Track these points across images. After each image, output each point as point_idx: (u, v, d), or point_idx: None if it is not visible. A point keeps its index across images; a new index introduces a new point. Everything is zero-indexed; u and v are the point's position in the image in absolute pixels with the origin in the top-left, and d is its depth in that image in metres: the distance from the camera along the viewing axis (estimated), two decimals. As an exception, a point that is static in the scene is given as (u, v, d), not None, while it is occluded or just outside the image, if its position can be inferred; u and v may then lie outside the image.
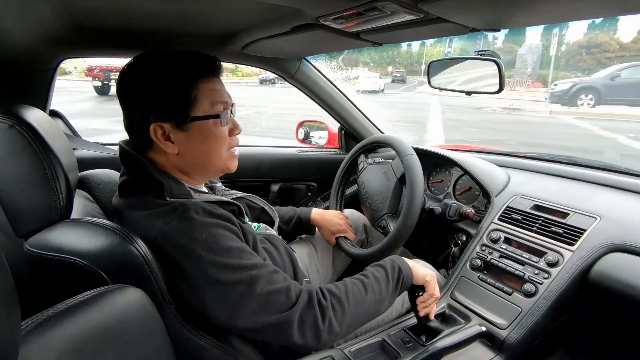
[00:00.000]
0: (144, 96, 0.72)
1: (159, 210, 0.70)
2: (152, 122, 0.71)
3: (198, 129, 0.74)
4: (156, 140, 0.72)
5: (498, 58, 0.98)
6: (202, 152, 0.76)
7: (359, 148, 1.32)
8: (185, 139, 0.73)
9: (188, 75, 0.73)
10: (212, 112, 0.74)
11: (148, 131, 0.72)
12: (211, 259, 0.66)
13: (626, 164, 1.26)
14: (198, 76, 0.73)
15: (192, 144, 0.74)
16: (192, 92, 0.72)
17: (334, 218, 1.21)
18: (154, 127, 0.71)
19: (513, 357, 0.88)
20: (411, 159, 1.08)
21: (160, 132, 0.72)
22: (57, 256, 0.62)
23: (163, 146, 0.73)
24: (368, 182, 1.25)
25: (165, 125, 0.72)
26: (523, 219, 1.09)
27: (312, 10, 0.74)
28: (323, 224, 1.21)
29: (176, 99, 0.72)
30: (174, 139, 0.73)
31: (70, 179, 0.71)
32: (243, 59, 1.31)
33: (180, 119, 0.72)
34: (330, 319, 0.71)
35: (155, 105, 0.71)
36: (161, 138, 0.72)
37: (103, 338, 0.51)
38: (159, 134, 0.72)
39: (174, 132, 0.72)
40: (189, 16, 0.86)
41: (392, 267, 0.85)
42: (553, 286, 0.92)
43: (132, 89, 0.74)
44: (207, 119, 0.74)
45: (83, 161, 1.06)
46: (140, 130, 0.73)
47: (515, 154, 1.52)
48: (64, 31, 0.90)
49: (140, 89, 0.72)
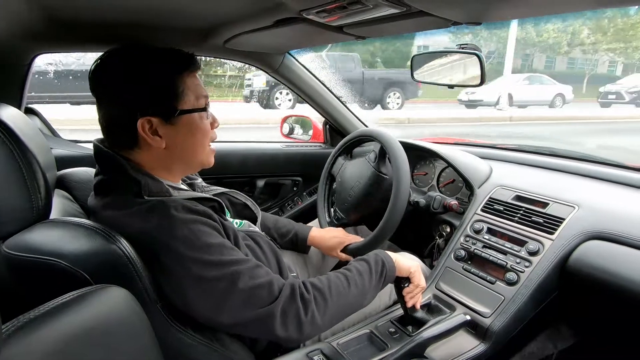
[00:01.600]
0: (129, 91, 0.70)
1: (136, 209, 0.68)
2: (140, 116, 0.70)
3: (185, 123, 0.74)
4: (144, 134, 0.71)
5: (479, 51, 1.00)
6: (188, 146, 0.76)
7: (344, 142, 1.32)
8: (173, 132, 0.73)
9: (174, 69, 0.73)
10: (197, 105, 0.75)
11: (132, 127, 0.70)
12: (192, 255, 0.66)
13: (602, 155, 1.30)
14: (182, 70, 0.73)
15: (180, 138, 0.74)
16: (180, 86, 0.72)
17: (329, 233, 1.17)
18: (141, 122, 0.70)
19: (496, 344, 0.91)
20: (398, 152, 1.09)
21: (148, 126, 0.71)
22: (37, 258, 0.60)
23: (150, 140, 0.71)
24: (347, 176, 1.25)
25: (154, 119, 0.71)
26: (505, 210, 1.12)
27: (294, 3, 0.74)
28: (321, 242, 1.15)
29: (164, 93, 0.71)
30: (162, 133, 0.72)
31: (49, 178, 0.69)
32: (225, 53, 1.29)
33: (168, 113, 0.72)
34: (312, 311, 0.72)
35: (143, 100, 0.70)
36: (149, 132, 0.71)
37: (88, 339, 0.50)
38: (147, 128, 0.71)
39: (161, 126, 0.72)
40: (170, 10, 0.84)
41: (376, 261, 0.86)
42: (534, 274, 0.94)
43: (113, 84, 0.71)
44: (194, 112, 0.74)
45: (61, 160, 1.04)
46: (124, 126, 0.71)
47: (497, 145, 1.55)
48: (39, 25, 0.87)
49: (124, 83, 0.71)
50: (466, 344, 0.91)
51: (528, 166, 1.33)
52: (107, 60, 0.73)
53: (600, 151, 5.45)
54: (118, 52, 0.73)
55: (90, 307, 0.53)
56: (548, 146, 1.49)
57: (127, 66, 0.72)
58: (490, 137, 7.27)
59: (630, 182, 1.09)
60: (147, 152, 0.74)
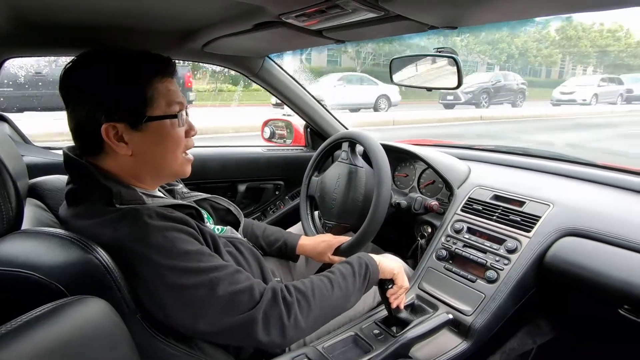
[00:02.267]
0: (95, 95, 0.68)
1: (107, 218, 0.66)
2: (104, 122, 0.67)
3: (154, 130, 0.71)
4: (108, 141, 0.68)
5: (456, 55, 1.02)
6: (157, 154, 0.73)
7: (326, 145, 1.33)
8: (140, 139, 0.70)
9: (143, 73, 0.70)
10: (168, 112, 0.72)
11: (98, 132, 0.68)
12: (168, 263, 0.64)
13: (574, 154, 1.35)
14: (153, 75, 0.71)
15: (148, 145, 0.71)
16: (148, 91, 0.70)
17: (318, 239, 1.16)
18: (105, 127, 0.67)
19: (478, 341, 0.93)
20: (379, 153, 1.10)
21: (113, 132, 0.68)
22: (8, 270, 0.57)
23: (115, 147, 0.69)
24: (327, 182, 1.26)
25: (119, 125, 0.68)
26: (484, 209, 1.14)
27: (273, 7, 0.74)
28: (311, 250, 1.13)
29: (131, 98, 0.69)
30: (128, 140, 0.69)
31: (20, 187, 0.66)
32: (204, 57, 1.27)
33: (135, 119, 0.69)
34: (295, 314, 0.71)
35: (108, 104, 0.68)
36: (113, 139, 0.68)
37: (64, 353, 0.48)
38: (111, 134, 0.68)
39: (127, 132, 0.69)
40: (146, 13, 0.82)
41: (359, 264, 0.86)
42: (513, 272, 0.97)
43: (80, 88, 0.69)
44: (164, 118, 0.71)
45: (34, 168, 1.00)
46: (89, 132, 0.69)
47: (474, 147, 1.58)
48: (8, 27, 0.84)
49: (90, 87, 0.68)
50: (449, 343, 0.93)
51: (505, 166, 1.36)
52: (76, 63, 0.71)
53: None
54: (89, 56, 0.71)
55: (67, 319, 0.51)
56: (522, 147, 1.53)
57: (94, 69, 0.70)
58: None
59: (601, 179, 1.13)
60: (113, 158, 0.71)
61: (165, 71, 0.73)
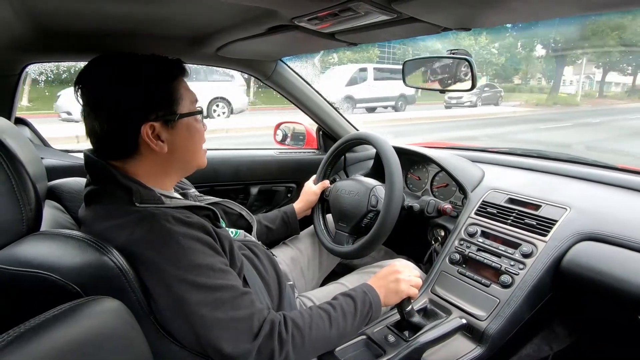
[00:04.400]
0: (134, 97, 0.70)
1: (125, 220, 0.67)
2: (143, 122, 0.70)
3: (185, 126, 0.76)
4: (147, 140, 0.71)
5: (470, 57, 1.01)
6: (189, 148, 0.78)
7: (338, 145, 1.33)
8: (174, 136, 0.74)
9: (169, 75, 0.74)
10: (192, 109, 0.77)
11: (134, 134, 0.70)
12: (176, 274, 0.64)
13: (593, 156, 1.32)
14: (178, 75, 0.75)
15: (180, 141, 0.75)
16: (176, 91, 0.74)
17: (306, 187, 1.35)
18: (145, 128, 0.70)
19: (493, 347, 0.91)
20: (390, 155, 1.09)
21: (151, 132, 0.71)
22: (27, 271, 0.59)
23: (154, 145, 0.72)
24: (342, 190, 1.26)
25: (156, 124, 0.71)
26: (498, 213, 1.12)
27: (286, 11, 0.74)
28: (303, 198, 1.32)
29: (164, 98, 0.73)
30: (164, 138, 0.73)
31: (39, 189, 0.68)
32: (218, 61, 1.29)
33: (169, 117, 0.73)
34: (287, 352, 0.70)
35: (145, 106, 0.71)
36: (152, 137, 0.72)
37: (80, 352, 0.49)
38: (150, 133, 0.71)
39: (164, 130, 0.73)
40: (161, 18, 0.84)
41: (363, 302, 0.84)
42: (528, 276, 0.95)
43: (116, 91, 0.70)
44: (192, 115, 0.77)
45: (52, 170, 1.02)
46: (123, 135, 0.71)
47: (488, 149, 1.56)
48: (29, 35, 0.87)
49: (128, 90, 0.70)
50: (463, 348, 0.91)
51: (519, 169, 1.34)
52: (101, 67, 0.72)
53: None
54: (107, 61, 0.72)
55: (83, 319, 0.52)
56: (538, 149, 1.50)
57: (126, 73, 0.71)
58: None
59: (621, 183, 1.10)
60: (147, 158, 0.74)
61: (183, 72, 0.77)
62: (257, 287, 0.83)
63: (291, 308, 0.94)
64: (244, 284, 0.76)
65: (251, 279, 0.82)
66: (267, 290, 0.87)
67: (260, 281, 0.86)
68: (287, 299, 0.93)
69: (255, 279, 0.84)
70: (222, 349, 0.65)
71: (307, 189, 1.34)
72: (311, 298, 1.03)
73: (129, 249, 0.65)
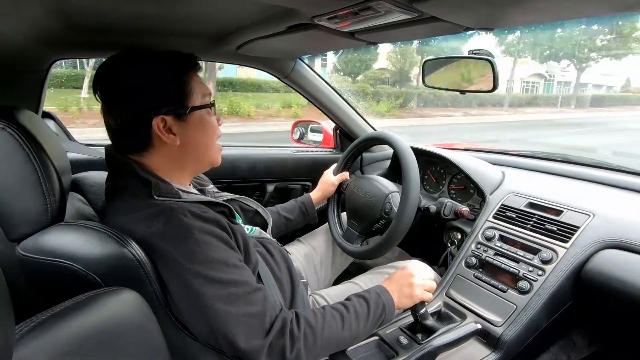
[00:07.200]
0: (144, 92, 0.72)
1: (144, 214, 0.69)
2: (154, 115, 0.72)
3: (196, 119, 0.77)
4: (159, 133, 0.72)
5: (492, 57, 0.99)
6: (201, 142, 0.79)
7: (356, 144, 1.33)
8: (185, 129, 0.76)
9: (181, 69, 0.75)
10: (204, 102, 0.78)
11: (146, 127, 0.72)
12: (191, 267, 0.65)
13: (619, 162, 1.27)
14: (188, 70, 0.76)
15: (192, 134, 0.77)
16: (189, 85, 0.75)
17: (324, 177, 1.36)
18: (157, 121, 0.72)
19: (508, 353, 0.89)
20: (408, 155, 1.08)
21: (162, 125, 0.73)
22: (50, 260, 0.61)
23: (166, 138, 0.73)
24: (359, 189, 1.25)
25: (167, 117, 0.73)
26: (517, 217, 1.10)
27: (306, 9, 0.74)
28: (321, 187, 1.34)
29: (175, 92, 0.74)
30: (176, 131, 0.75)
31: (64, 182, 0.70)
32: (238, 59, 1.30)
33: (181, 111, 0.74)
34: (298, 349, 0.70)
35: (157, 99, 0.72)
36: (164, 131, 0.73)
37: (98, 340, 0.51)
38: (161, 126, 0.73)
39: (175, 124, 0.74)
40: (184, 16, 0.85)
41: (376, 304, 0.84)
42: (547, 283, 0.93)
43: (125, 87, 0.73)
44: (203, 108, 0.77)
45: (76, 163, 1.05)
46: (139, 127, 0.73)
47: (509, 152, 1.53)
48: (57, 31, 0.89)
49: (139, 85, 0.72)
50: (477, 354, 0.89)
51: (541, 173, 1.31)
52: (114, 65, 0.75)
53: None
54: (125, 57, 0.75)
55: (102, 309, 0.54)
56: (561, 153, 1.46)
57: (136, 69, 0.73)
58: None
59: None
60: (160, 152, 0.75)
61: (195, 67, 0.78)
62: (270, 285, 0.83)
63: (304, 306, 0.94)
64: (257, 281, 0.77)
65: (264, 276, 0.83)
66: (280, 288, 0.88)
67: (273, 279, 0.86)
68: (300, 296, 0.94)
69: (268, 276, 0.85)
70: (235, 343, 0.66)
71: (325, 178, 1.35)
72: (324, 296, 1.03)
73: (147, 241, 0.66)
